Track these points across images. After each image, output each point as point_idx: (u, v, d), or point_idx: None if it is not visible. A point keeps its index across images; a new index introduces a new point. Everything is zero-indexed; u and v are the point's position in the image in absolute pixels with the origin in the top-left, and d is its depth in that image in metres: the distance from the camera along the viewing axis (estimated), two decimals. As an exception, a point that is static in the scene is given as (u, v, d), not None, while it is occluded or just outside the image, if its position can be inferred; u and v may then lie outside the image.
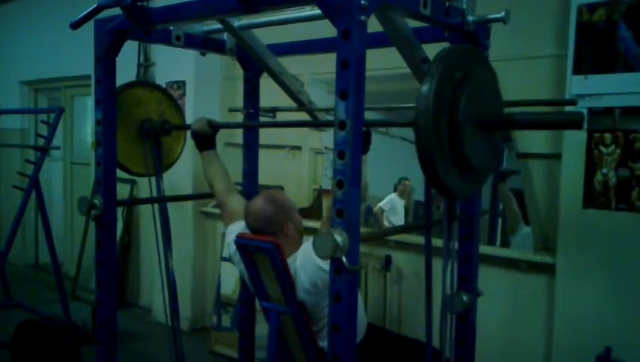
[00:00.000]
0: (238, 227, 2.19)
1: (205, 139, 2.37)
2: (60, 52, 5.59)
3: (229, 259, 2.34)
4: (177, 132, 2.66)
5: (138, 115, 2.50)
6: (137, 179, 4.51)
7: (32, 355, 3.28)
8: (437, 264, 1.70)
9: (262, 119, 2.69)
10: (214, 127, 2.35)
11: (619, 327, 2.46)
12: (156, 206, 2.61)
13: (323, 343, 2.04)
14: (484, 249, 2.44)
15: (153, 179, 2.55)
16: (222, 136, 4.34)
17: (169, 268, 2.65)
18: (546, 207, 2.82)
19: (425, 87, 1.37)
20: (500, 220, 3.88)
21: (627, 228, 2.42)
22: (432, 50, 1.95)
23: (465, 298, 1.84)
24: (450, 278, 1.72)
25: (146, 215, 4.75)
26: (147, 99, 2.56)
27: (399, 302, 3.29)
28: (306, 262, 1.94)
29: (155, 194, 2.56)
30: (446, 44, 1.94)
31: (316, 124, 2.64)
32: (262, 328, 2.45)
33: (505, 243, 3.64)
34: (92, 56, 2.02)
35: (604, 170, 2.47)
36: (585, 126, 2.50)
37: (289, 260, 2.01)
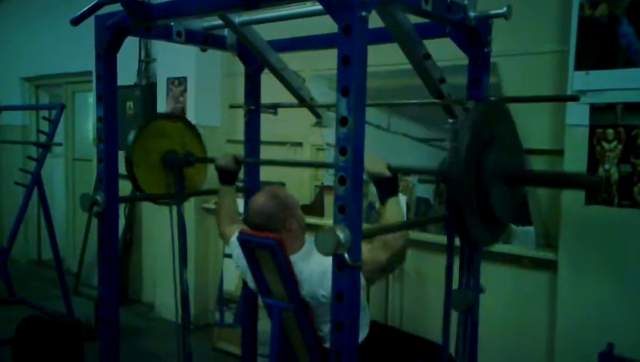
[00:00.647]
0: (236, 233, 2.19)
1: (229, 175, 2.39)
2: (61, 48, 5.58)
3: (231, 257, 2.36)
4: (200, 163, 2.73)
5: (161, 147, 2.58)
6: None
7: (34, 351, 3.29)
8: (437, 261, 1.70)
9: (263, 115, 2.68)
10: (239, 163, 2.37)
11: (621, 323, 2.45)
12: (174, 212, 2.65)
13: (327, 344, 2.04)
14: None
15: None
16: (224, 134, 4.38)
17: (183, 275, 2.69)
18: (548, 203, 2.82)
19: (455, 147, 1.48)
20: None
21: (630, 223, 2.41)
22: (433, 45, 1.95)
23: (468, 294, 1.83)
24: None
25: (149, 212, 4.76)
26: (170, 130, 2.64)
27: (401, 299, 3.30)
28: (326, 279, 1.91)
29: (176, 223, 2.62)
30: (447, 40, 1.94)
31: (314, 164, 2.64)
32: (265, 324, 2.46)
33: (507, 240, 3.63)
34: (93, 52, 2.01)
35: (607, 166, 2.46)
36: (587, 121, 2.49)
37: (293, 257, 2.01)
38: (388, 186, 1.89)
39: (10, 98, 6.31)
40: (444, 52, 2.08)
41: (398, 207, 1.87)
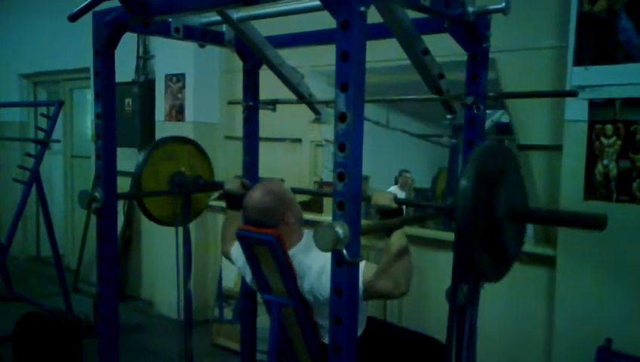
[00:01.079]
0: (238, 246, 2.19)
1: (237, 200, 2.36)
2: (59, 45, 5.57)
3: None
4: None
5: (170, 168, 2.62)
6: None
7: (34, 348, 3.30)
8: (436, 257, 1.70)
9: (261, 112, 2.68)
10: (247, 187, 2.35)
11: (619, 319, 2.46)
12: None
13: (326, 340, 2.04)
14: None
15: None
16: (222, 130, 4.38)
17: (187, 284, 2.72)
18: (546, 198, 2.82)
19: (463, 183, 1.51)
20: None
21: (628, 219, 2.42)
22: (432, 41, 1.95)
23: (466, 289, 1.84)
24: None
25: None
26: (179, 152, 2.68)
27: (400, 294, 3.30)
28: (321, 277, 1.91)
29: (181, 242, 2.67)
30: (446, 36, 1.94)
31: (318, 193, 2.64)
32: (264, 320, 2.46)
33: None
34: (91, 48, 2.01)
35: (605, 162, 2.46)
36: (586, 117, 2.49)
37: (292, 250, 2.01)
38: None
39: (8, 95, 6.30)
40: (443, 48, 2.08)
41: (403, 240, 1.89)
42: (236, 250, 2.24)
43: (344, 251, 1.30)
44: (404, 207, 1.97)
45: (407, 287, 1.88)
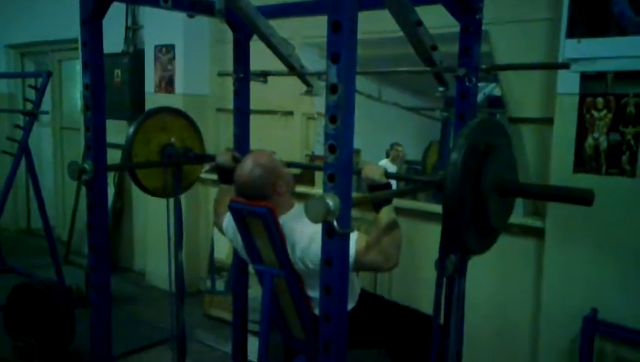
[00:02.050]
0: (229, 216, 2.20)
1: (228, 173, 2.35)
2: (47, 15, 5.47)
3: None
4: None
5: (161, 139, 2.63)
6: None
7: (26, 319, 3.32)
8: (426, 229, 1.72)
9: (253, 84, 2.66)
10: (239, 160, 2.34)
11: (605, 289, 2.50)
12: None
13: (317, 311, 2.07)
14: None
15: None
16: (213, 102, 4.34)
17: (178, 255, 2.74)
18: (536, 171, 2.84)
19: (454, 156, 1.51)
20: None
21: (617, 192, 2.44)
22: (424, 12, 1.93)
23: (455, 259, 1.86)
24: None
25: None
26: (171, 124, 2.69)
27: (390, 266, 3.33)
28: (311, 245, 1.93)
29: (172, 215, 2.66)
30: (439, 7, 1.93)
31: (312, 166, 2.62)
32: (255, 291, 2.48)
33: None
34: (79, 19, 1.98)
35: (596, 135, 2.47)
36: (577, 90, 2.50)
37: (283, 217, 2.02)
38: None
39: (-5, 66, 6.21)
40: (436, 19, 2.06)
41: (392, 215, 1.90)
42: (228, 220, 2.25)
43: (335, 222, 1.31)
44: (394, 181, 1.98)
45: (396, 260, 1.91)
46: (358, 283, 2.30)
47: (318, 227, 1.38)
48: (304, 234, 1.95)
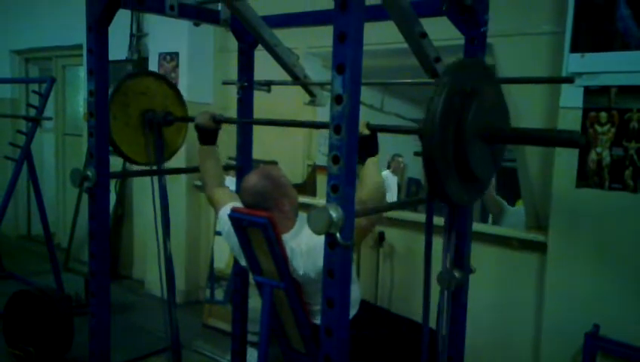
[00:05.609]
0: (228, 209, 2.18)
1: (208, 134, 2.35)
2: (52, 21, 5.49)
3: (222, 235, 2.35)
4: (179, 123, 2.69)
5: (142, 104, 2.53)
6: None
7: (25, 326, 3.30)
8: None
9: (256, 93, 2.66)
10: (218, 121, 2.33)
11: (608, 305, 2.49)
12: (155, 182, 2.61)
13: (317, 321, 2.05)
14: (476, 226, 2.45)
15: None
16: (216, 111, 4.34)
17: (167, 245, 2.69)
18: (539, 185, 2.83)
19: (435, 98, 1.39)
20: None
21: (620, 207, 2.43)
22: (429, 24, 1.93)
23: (457, 275, 1.84)
24: (446, 256, 1.72)
25: (140, 187, 4.74)
26: (155, 90, 2.59)
27: (391, 279, 3.32)
28: (315, 255, 1.92)
29: (157, 185, 2.58)
30: (444, 20, 1.92)
31: (314, 125, 2.61)
32: (255, 302, 2.47)
33: (496, 221, 3.66)
34: (84, 25, 1.98)
35: (599, 149, 2.47)
36: (580, 104, 2.49)
37: (284, 236, 2.01)
38: (367, 145, 1.96)
39: (-1, 71, 6.23)
40: (441, 32, 2.07)
41: (376, 167, 1.88)
42: (228, 223, 2.22)
43: (337, 235, 1.30)
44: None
45: (378, 220, 1.88)
46: (358, 289, 2.28)
47: (317, 239, 1.36)
48: (303, 251, 1.94)
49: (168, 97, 2.66)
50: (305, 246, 1.95)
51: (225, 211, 2.19)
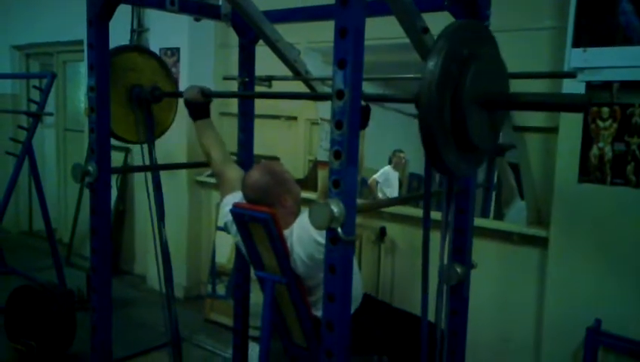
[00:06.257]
0: (235, 198, 2.17)
1: (199, 108, 2.31)
2: (53, 16, 5.48)
3: (224, 229, 2.34)
4: (169, 100, 2.61)
5: (130, 80, 2.46)
6: (131, 146, 4.49)
7: (27, 321, 3.30)
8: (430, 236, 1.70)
9: (257, 88, 2.65)
10: (207, 95, 2.30)
11: (609, 300, 2.49)
12: (149, 174, 2.59)
13: (318, 313, 2.06)
14: (477, 221, 2.45)
15: (146, 147, 2.53)
16: (217, 106, 4.33)
17: (163, 237, 2.66)
18: (541, 180, 2.83)
19: (430, 63, 1.32)
20: (494, 193, 3.89)
21: (621, 202, 2.43)
22: (431, 19, 1.92)
23: (459, 269, 1.85)
24: (444, 250, 1.72)
25: (141, 183, 4.74)
26: (142, 65, 2.52)
27: (392, 273, 3.32)
28: (302, 235, 1.93)
29: (147, 163, 2.55)
30: (446, 15, 1.92)
31: (313, 96, 2.61)
32: (256, 296, 2.47)
33: (498, 216, 3.66)
34: (85, 20, 1.97)
35: (601, 144, 2.46)
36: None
37: (286, 232, 2.01)
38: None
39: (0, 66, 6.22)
40: (443, 27, 2.06)
41: (362, 140, 1.88)
42: (228, 201, 2.22)
43: (339, 230, 1.30)
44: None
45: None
46: (360, 283, 2.28)
47: (306, 224, 1.34)
48: (304, 243, 1.94)
49: (157, 73, 2.59)
50: (296, 236, 1.96)
51: (228, 201, 2.18)
